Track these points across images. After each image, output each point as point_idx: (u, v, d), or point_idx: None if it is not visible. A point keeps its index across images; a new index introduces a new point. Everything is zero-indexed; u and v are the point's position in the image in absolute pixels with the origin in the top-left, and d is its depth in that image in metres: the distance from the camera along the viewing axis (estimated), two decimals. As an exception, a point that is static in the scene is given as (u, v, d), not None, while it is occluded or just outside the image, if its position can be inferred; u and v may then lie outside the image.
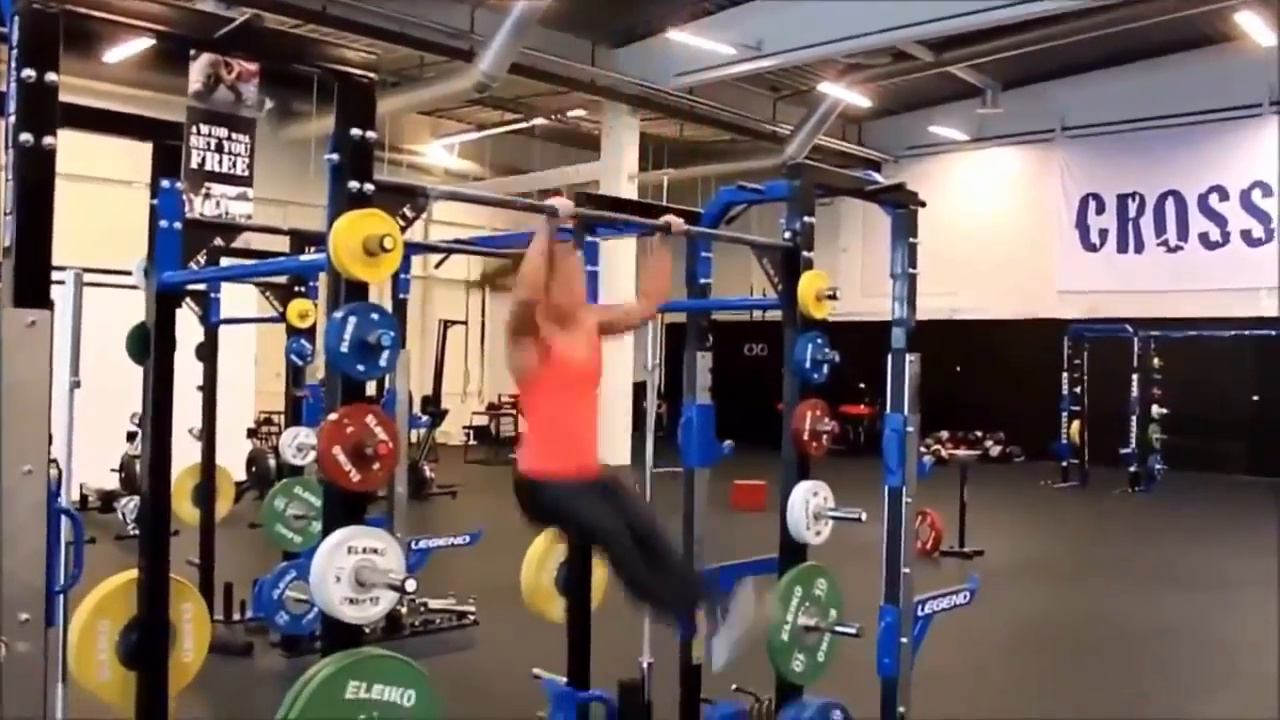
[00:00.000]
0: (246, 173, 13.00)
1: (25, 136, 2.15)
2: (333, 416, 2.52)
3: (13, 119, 2.16)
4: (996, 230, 18.99)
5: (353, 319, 2.51)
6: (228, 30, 2.28)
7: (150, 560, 3.44)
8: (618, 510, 3.48)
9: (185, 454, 7.21)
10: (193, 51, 12.35)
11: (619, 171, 16.76)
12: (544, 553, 4.69)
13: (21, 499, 2.17)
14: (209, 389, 6.60)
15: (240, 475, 9.39)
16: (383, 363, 2.56)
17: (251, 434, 10.99)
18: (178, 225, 3.42)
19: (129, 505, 8.87)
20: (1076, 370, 15.13)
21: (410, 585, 2.49)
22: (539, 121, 18.03)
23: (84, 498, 10.09)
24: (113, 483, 10.23)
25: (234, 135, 13.27)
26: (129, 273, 3.68)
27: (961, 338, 17.37)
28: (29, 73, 2.14)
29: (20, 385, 2.16)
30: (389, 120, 16.88)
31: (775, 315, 3.95)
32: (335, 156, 2.58)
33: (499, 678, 5.71)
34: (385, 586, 2.54)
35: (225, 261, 4.42)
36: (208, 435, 6.75)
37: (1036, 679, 6.06)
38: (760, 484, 11.41)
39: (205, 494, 6.80)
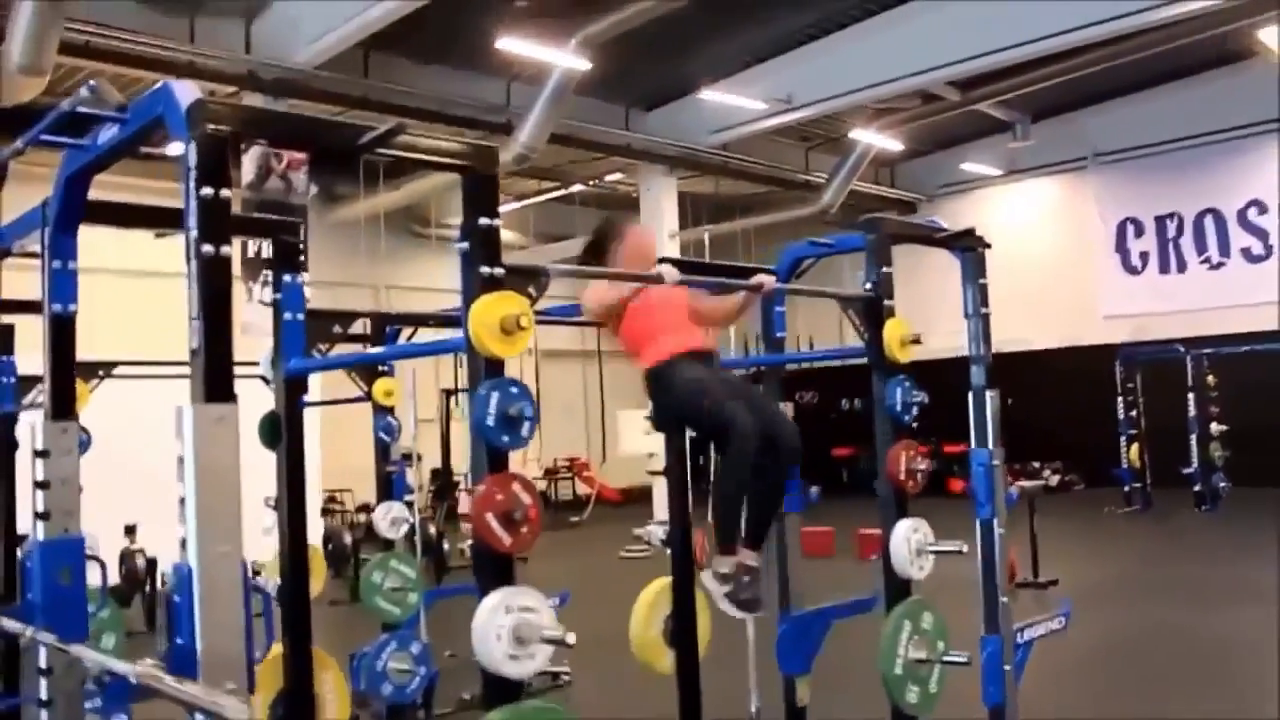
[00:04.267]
0: (302, 258, 13.38)
1: (207, 248, 2.37)
2: (483, 485, 2.71)
3: (194, 233, 2.38)
4: (1036, 261, 19.09)
5: (495, 394, 2.70)
6: (373, 136, 2.50)
7: (293, 634, 3.64)
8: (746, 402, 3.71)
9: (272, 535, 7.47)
10: (243, 145, 12.73)
11: (660, 230, 17.01)
12: (650, 606, 4.85)
13: (221, 576, 2.37)
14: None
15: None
16: (524, 433, 2.75)
17: (325, 512, 11.22)
18: (300, 316, 3.65)
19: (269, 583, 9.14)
20: (1130, 393, 15.14)
21: (571, 638, 2.66)
22: (578, 188, 18.36)
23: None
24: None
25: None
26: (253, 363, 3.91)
27: (1011, 370, 17.28)
28: (207, 191, 2.37)
29: (213, 473, 2.37)
30: (434, 197, 17.30)
31: (824, 364, 4.14)
32: (465, 245, 2.78)
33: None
34: (542, 641, 2.71)
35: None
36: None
37: (1125, 701, 6.12)
38: (828, 530, 11.50)
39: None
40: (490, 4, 11.90)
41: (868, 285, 3.98)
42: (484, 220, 2.77)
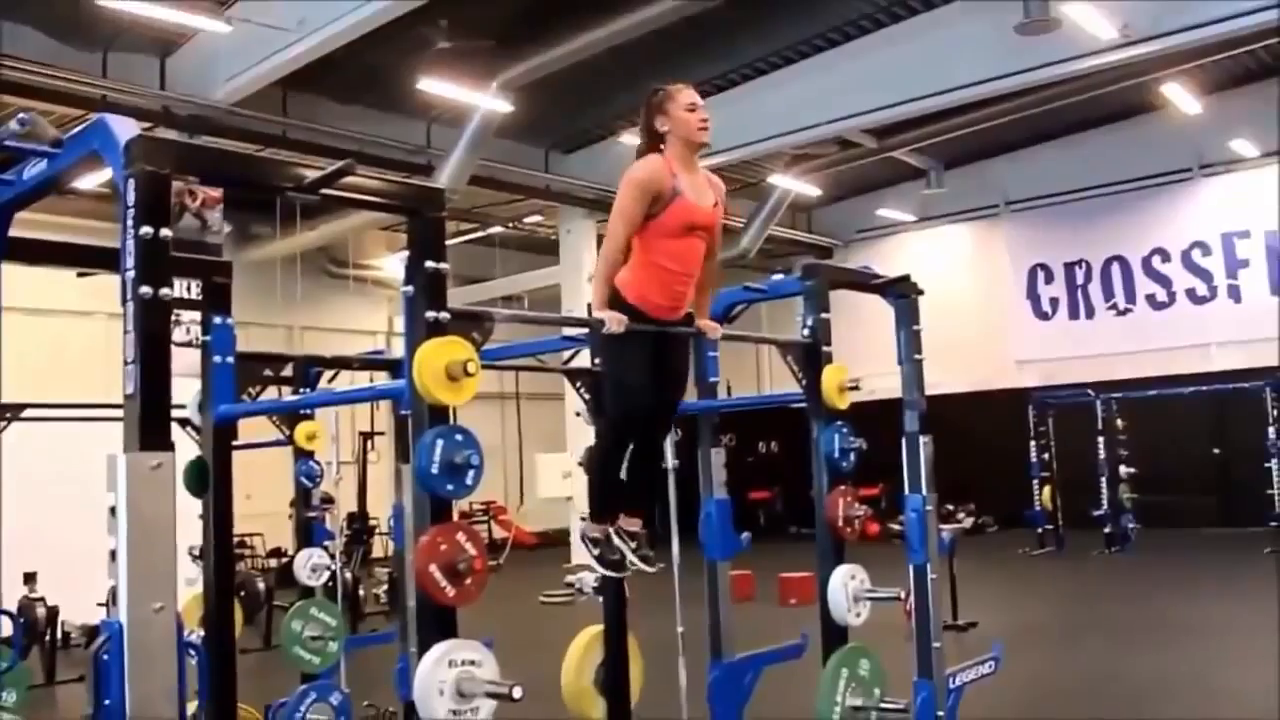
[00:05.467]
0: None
1: (145, 289, 2.28)
2: (426, 536, 2.64)
3: (131, 273, 2.29)
4: (950, 306, 19.38)
5: (440, 441, 2.63)
6: (323, 175, 2.43)
7: (218, 689, 3.50)
8: (658, 387, 3.75)
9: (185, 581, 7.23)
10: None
11: (579, 273, 16.99)
12: (582, 654, 4.78)
13: (153, 634, 2.26)
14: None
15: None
16: (469, 481, 2.68)
17: (237, 558, 10.92)
18: (230, 359, 3.54)
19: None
20: (1043, 437, 15.43)
21: (518, 692, 2.58)
22: (497, 230, 18.30)
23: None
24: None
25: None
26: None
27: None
28: (146, 230, 2.28)
29: (147, 524, 2.27)
30: (351, 237, 17.10)
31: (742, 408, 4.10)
32: (410, 288, 2.72)
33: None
34: (485, 695, 2.63)
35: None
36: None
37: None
38: (746, 574, 11.38)
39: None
40: (411, 46, 11.83)
41: (805, 331, 3.98)
42: (430, 263, 2.71)
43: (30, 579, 9.58)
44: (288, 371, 5.96)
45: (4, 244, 3.06)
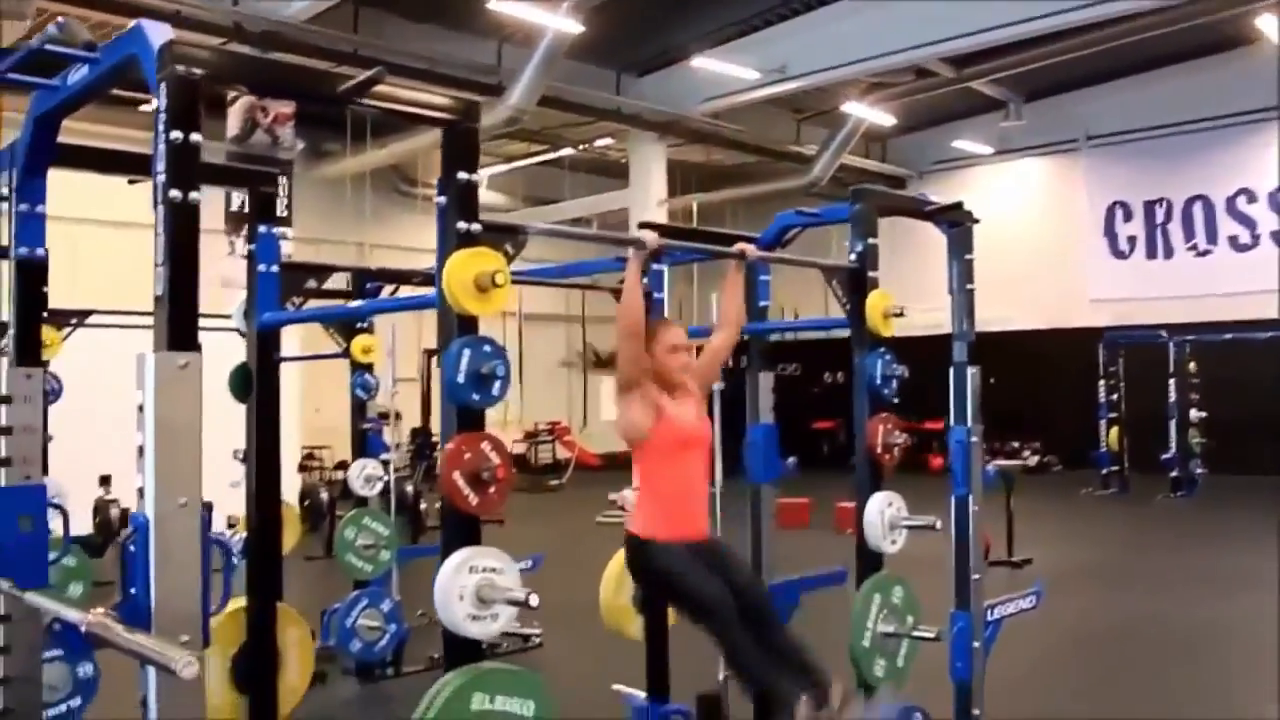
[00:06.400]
0: (286, 213, 13.20)
1: (174, 192, 2.31)
2: (451, 444, 2.67)
3: (161, 177, 2.32)
4: (1024, 241, 19.06)
5: (467, 351, 2.66)
6: (352, 85, 2.44)
7: (258, 590, 3.60)
8: (725, 580, 3.53)
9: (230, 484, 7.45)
10: (230, 96, 12.54)
11: (647, 198, 16.96)
12: (621, 572, 4.83)
13: (178, 529, 2.33)
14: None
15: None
16: (495, 391, 2.70)
17: (303, 469, 11.19)
18: (275, 269, 3.59)
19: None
20: (1113, 377, 15.17)
21: (534, 600, 2.63)
22: (567, 152, 18.25)
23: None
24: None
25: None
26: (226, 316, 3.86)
27: (994, 349, 17.33)
28: (176, 135, 2.31)
29: (175, 423, 2.32)
30: (421, 155, 17.17)
31: (807, 335, 4.04)
32: (443, 199, 2.73)
33: (569, 697, 5.82)
34: (505, 602, 2.68)
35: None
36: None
37: (1092, 681, 6.14)
38: (803, 501, 11.50)
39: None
40: (483, -37, 11.76)
41: (853, 256, 3.94)
42: (463, 175, 2.71)
43: (105, 481, 9.91)
44: (347, 286, 6.07)
45: (54, 149, 3.12)
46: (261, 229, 3.55)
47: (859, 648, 3.80)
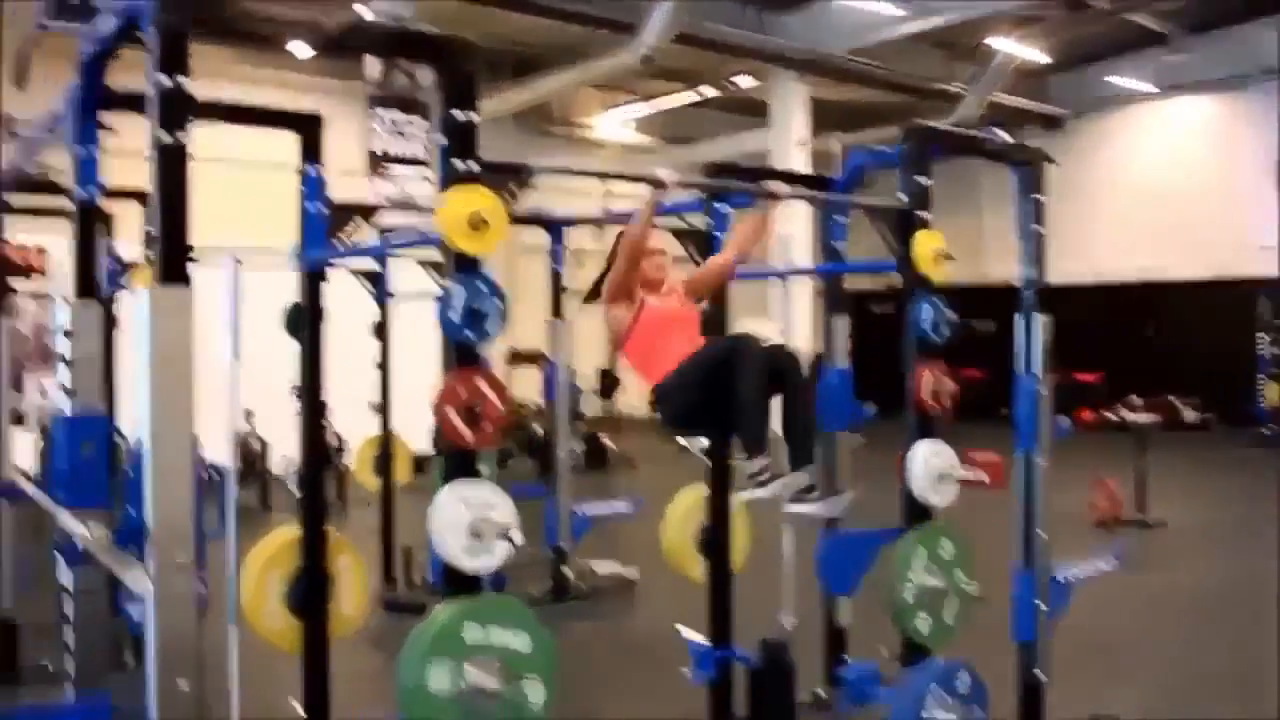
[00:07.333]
0: (424, 154, 13.45)
1: (163, 135, 2.42)
2: (446, 381, 2.73)
3: (153, 120, 2.43)
4: (1187, 185, 18.04)
5: (461, 289, 2.70)
6: (332, 35, 2.49)
7: (309, 517, 3.76)
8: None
9: (369, 427, 7.71)
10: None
11: (788, 138, 16.69)
12: (684, 514, 4.86)
13: (172, 454, 2.46)
14: (383, 363, 7.15)
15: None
16: (490, 329, 2.74)
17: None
18: (321, 207, 3.70)
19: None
20: (1275, 330, 14.36)
21: (517, 537, 2.67)
22: (707, 91, 18.05)
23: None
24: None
25: (411, 119, 13.73)
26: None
27: (1152, 299, 16.67)
28: (163, 79, 2.41)
29: (166, 352, 2.45)
30: (564, 95, 17.23)
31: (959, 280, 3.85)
32: (441, 138, 2.77)
33: (653, 636, 5.92)
34: (499, 538, 2.74)
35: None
36: (384, 408, 7.30)
37: (1202, 647, 5.90)
38: (994, 457, 9.52)
39: (384, 464, 7.38)
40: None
41: (902, 195, 3.82)
42: (458, 113, 2.74)
43: (248, 416, 10.42)
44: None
45: (102, 92, 3.27)
46: (308, 169, 3.67)
47: (899, 600, 3.73)
